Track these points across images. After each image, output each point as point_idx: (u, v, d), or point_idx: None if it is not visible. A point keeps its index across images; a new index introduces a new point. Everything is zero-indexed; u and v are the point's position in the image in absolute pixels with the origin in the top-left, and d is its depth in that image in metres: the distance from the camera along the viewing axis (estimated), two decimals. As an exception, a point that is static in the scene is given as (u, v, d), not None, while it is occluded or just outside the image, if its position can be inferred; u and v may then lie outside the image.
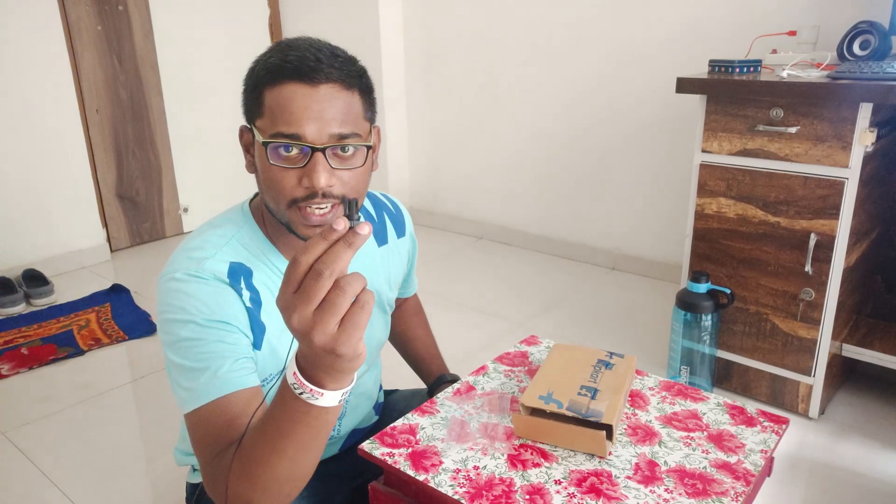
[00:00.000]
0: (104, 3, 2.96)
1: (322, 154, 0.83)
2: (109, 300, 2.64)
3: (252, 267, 0.92)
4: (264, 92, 0.85)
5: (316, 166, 0.83)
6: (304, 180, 0.84)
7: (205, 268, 0.88)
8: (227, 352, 0.87)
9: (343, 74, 0.85)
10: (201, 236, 0.94)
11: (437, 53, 3.25)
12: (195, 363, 0.85)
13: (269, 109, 0.84)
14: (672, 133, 2.58)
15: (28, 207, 2.84)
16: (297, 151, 0.84)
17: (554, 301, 2.61)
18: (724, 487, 0.85)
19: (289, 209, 0.86)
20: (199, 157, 3.39)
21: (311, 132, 0.82)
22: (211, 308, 0.87)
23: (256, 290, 0.92)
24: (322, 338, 0.63)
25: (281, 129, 0.83)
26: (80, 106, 2.94)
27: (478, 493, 0.84)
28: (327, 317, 0.62)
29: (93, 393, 2.04)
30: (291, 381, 0.69)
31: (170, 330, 0.88)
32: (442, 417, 1.00)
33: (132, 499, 1.61)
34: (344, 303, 0.62)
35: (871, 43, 1.74)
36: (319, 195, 0.84)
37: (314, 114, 0.82)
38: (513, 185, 3.15)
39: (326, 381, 0.68)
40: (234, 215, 0.97)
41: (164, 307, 0.89)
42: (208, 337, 0.86)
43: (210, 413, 0.84)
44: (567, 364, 1.04)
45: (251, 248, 0.94)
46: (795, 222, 1.69)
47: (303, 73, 0.83)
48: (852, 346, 1.81)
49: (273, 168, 0.85)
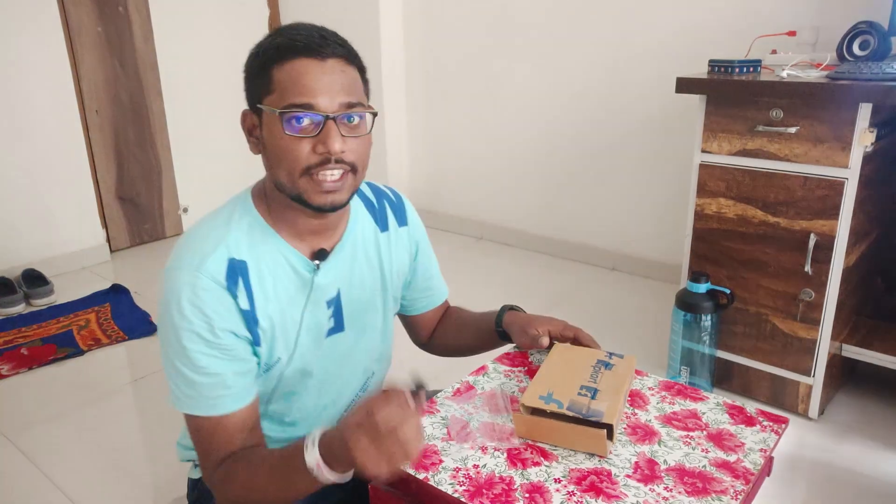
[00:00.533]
0: (104, 5, 2.96)
1: (334, 122, 0.89)
2: (109, 300, 2.64)
3: (251, 259, 0.95)
4: (273, 69, 0.90)
5: (330, 132, 0.89)
6: (319, 147, 0.89)
7: (205, 269, 0.91)
8: (226, 367, 0.93)
9: (346, 51, 0.93)
10: (204, 228, 0.97)
11: (437, 54, 3.25)
12: (194, 374, 0.92)
13: (280, 84, 0.89)
14: (672, 133, 2.58)
15: (28, 208, 2.84)
16: (308, 122, 0.89)
17: (554, 301, 2.61)
18: (723, 486, 0.85)
19: (301, 177, 0.91)
20: (199, 158, 3.39)
21: (323, 102, 0.89)
22: (211, 318, 0.91)
23: (251, 288, 0.95)
24: (371, 468, 0.76)
25: (294, 101, 0.88)
26: (80, 107, 2.94)
27: (478, 491, 0.84)
28: (382, 463, 0.76)
29: (93, 393, 2.04)
30: (311, 464, 0.81)
31: (170, 332, 0.92)
32: (442, 417, 1.00)
33: (132, 499, 1.61)
34: (399, 453, 0.76)
35: (871, 43, 1.74)
36: (333, 160, 0.90)
37: (325, 85, 0.89)
38: (513, 185, 3.15)
39: (340, 471, 0.81)
40: (237, 204, 1.00)
41: (164, 307, 0.93)
42: (208, 350, 0.91)
43: (211, 426, 0.93)
44: (567, 364, 1.04)
45: (253, 236, 0.97)
46: (795, 223, 1.69)
47: (312, 49, 0.89)
48: (852, 347, 1.81)
49: (287, 138, 0.89)
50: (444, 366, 1.42)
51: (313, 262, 1.00)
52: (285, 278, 0.99)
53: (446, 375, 1.34)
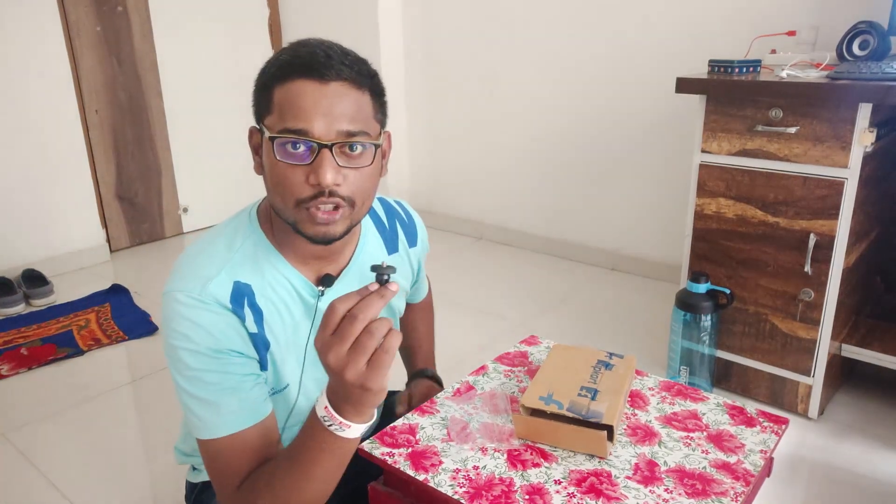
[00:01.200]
0: (103, 4, 2.95)
1: (329, 151, 0.82)
2: (109, 300, 2.64)
3: (256, 282, 0.92)
4: (274, 89, 0.84)
5: (322, 162, 0.82)
6: (311, 177, 0.83)
7: (208, 292, 0.87)
8: (237, 382, 0.89)
9: (353, 73, 0.84)
10: (208, 248, 0.93)
11: (436, 54, 3.25)
12: (205, 395, 0.88)
13: (278, 106, 0.83)
14: (672, 133, 2.58)
15: (28, 208, 2.84)
16: (304, 148, 0.82)
17: (554, 301, 2.61)
18: (723, 487, 0.85)
19: (295, 208, 0.85)
20: (198, 158, 3.39)
21: (318, 128, 0.81)
22: (216, 338, 0.87)
23: (260, 309, 0.92)
24: (353, 374, 0.72)
25: (289, 125, 0.82)
26: (79, 107, 2.93)
27: (477, 493, 0.84)
28: (358, 356, 0.71)
29: (92, 393, 2.04)
30: (322, 413, 0.77)
31: (177, 357, 0.88)
32: (442, 417, 1.00)
33: (132, 499, 1.61)
34: (372, 344, 0.71)
35: (871, 43, 1.74)
36: (326, 193, 0.83)
37: (323, 109, 0.81)
38: (513, 185, 3.15)
39: (353, 414, 0.77)
40: (241, 222, 0.96)
41: (169, 331, 0.88)
42: (216, 368, 0.87)
43: (230, 446, 0.88)
44: (567, 365, 1.04)
45: (258, 258, 0.93)
46: (795, 222, 1.69)
47: (313, 70, 0.82)
48: (852, 347, 1.81)
49: (280, 165, 0.83)
50: (444, 366, 1.42)
51: (318, 287, 0.96)
52: (291, 303, 0.95)
53: (446, 375, 1.34)
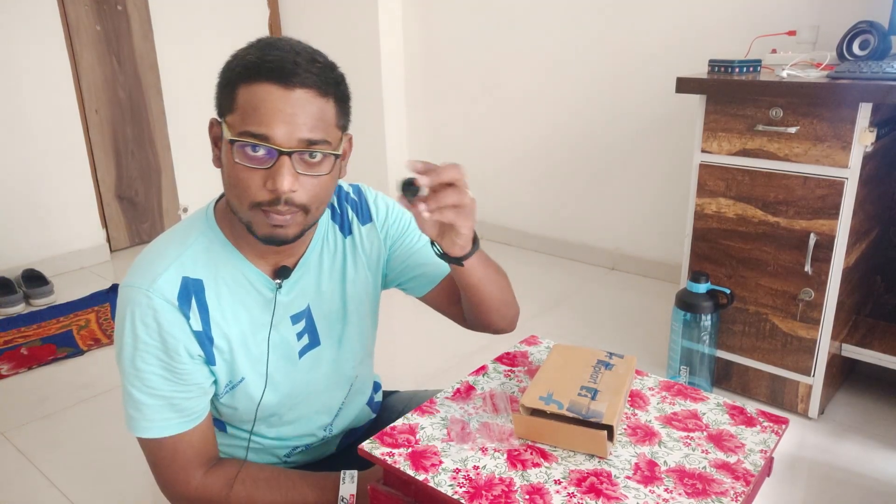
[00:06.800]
0: (103, 3, 2.95)
1: (288, 158, 0.82)
2: (109, 300, 2.64)
3: (208, 277, 0.93)
4: (238, 88, 0.84)
5: (281, 169, 0.82)
6: (269, 183, 0.83)
7: (156, 288, 0.89)
8: (177, 390, 0.91)
9: (319, 80, 0.84)
10: (162, 244, 0.94)
11: (436, 53, 3.25)
12: (144, 396, 0.90)
13: (241, 107, 0.83)
14: (672, 133, 2.58)
15: (28, 207, 2.84)
16: (263, 152, 0.83)
17: (554, 301, 2.61)
18: (723, 487, 0.85)
19: (251, 210, 0.86)
20: (198, 158, 3.38)
21: (279, 135, 0.81)
22: (163, 338, 0.89)
23: (206, 306, 0.92)
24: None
25: (250, 129, 0.82)
26: (79, 106, 2.94)
27: (477, 492, 0.84)
28: None
29: (92, 393, 2.04)
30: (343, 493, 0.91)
31: (123, 351, 0.91)
32: (442, 417, 1.00)
33: (131, 499, 1.61)
34: None
35: (871, 43, 1.74)
36: (282, 201, 0.83)
37: (285, 117, 0.81)
38: (513, 185, 3.15)
39: None
40: (198, 219, 0.97)
41: (118, 325, 0.92)
42: (160, 370, 0.90)
43: (173, 445, 0.93)
44: (567, 365, 1.03)
45: (213, 254, 0.94)
46: (795, 222, 1.69)
47: (279, 75, 0.81)
48: (852, 346, 1.81)
49: (238, 167, 0.84)
50: (445, 366, 1.42)
51: (275, 280, 0.97)
52: (247, 297, 0.96)
53: (446, 375, 1.34)
